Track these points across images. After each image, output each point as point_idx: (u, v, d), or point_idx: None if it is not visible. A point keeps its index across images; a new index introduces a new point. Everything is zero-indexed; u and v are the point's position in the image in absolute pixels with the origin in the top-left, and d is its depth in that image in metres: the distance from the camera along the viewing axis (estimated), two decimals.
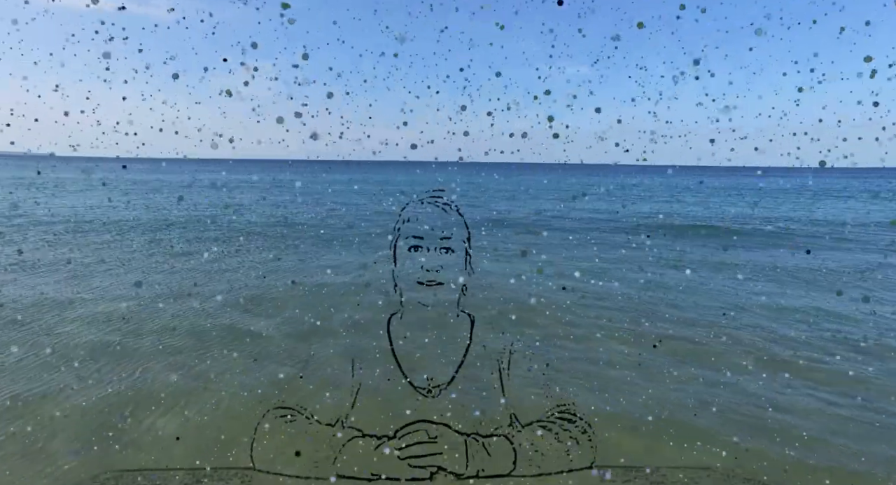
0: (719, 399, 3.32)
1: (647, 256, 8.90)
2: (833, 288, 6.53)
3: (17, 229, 10.56)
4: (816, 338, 4.49)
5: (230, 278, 6.46)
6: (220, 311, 5.10)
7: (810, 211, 18.58)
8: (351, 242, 9.60)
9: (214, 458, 2.61)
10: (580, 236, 11.30)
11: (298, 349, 4.05)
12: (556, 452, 1.33)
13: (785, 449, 2.74)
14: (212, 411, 3.11)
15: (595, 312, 5.17)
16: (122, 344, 4.12)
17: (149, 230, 11.01)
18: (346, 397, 1.50)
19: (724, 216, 16.74)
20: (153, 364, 3.76)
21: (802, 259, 8.67)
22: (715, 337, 4.45)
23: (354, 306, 5.05)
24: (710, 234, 11.92)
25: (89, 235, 10.12)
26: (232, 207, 16.80)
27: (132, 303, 5.21)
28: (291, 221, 13.18)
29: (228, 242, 9.91)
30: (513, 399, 1.49)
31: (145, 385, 3.44)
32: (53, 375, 3.54)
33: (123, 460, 2.62)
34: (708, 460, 2.66)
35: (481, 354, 1.50)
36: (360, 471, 1.29)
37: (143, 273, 6.86)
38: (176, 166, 61.67)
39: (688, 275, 7.10)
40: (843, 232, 12.49)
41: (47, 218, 12.47)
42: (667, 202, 22.37)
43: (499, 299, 4.80)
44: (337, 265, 7.68)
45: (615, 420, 3.00)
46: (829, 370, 3.81)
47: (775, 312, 5.27)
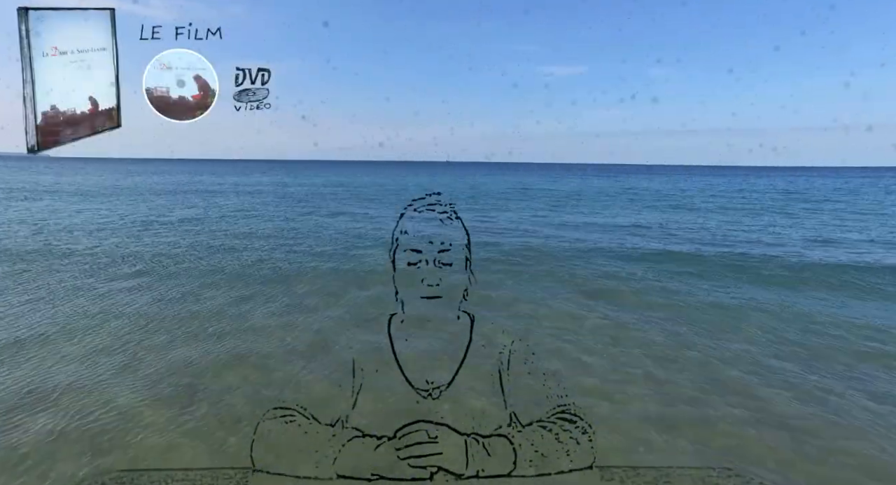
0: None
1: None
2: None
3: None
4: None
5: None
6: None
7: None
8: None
9: (214, 458, 2.62)
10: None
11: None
12: (556, 452, 1.33)
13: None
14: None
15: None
16: None
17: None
18: (346, 398, 1.50)
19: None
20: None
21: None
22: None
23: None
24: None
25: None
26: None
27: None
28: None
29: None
30: (513, 399, 1.49)
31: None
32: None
33: (123, 460, 2.62)
34: (711, 460, 2.66)
35: (481, 355, 1.50)
36: (360, 471, 1.29)
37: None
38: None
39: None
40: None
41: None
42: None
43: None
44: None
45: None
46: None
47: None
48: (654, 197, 24.94)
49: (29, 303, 5.37)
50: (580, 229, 12.54)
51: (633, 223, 13.86)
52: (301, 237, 10.59)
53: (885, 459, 2.71)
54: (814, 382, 3.64)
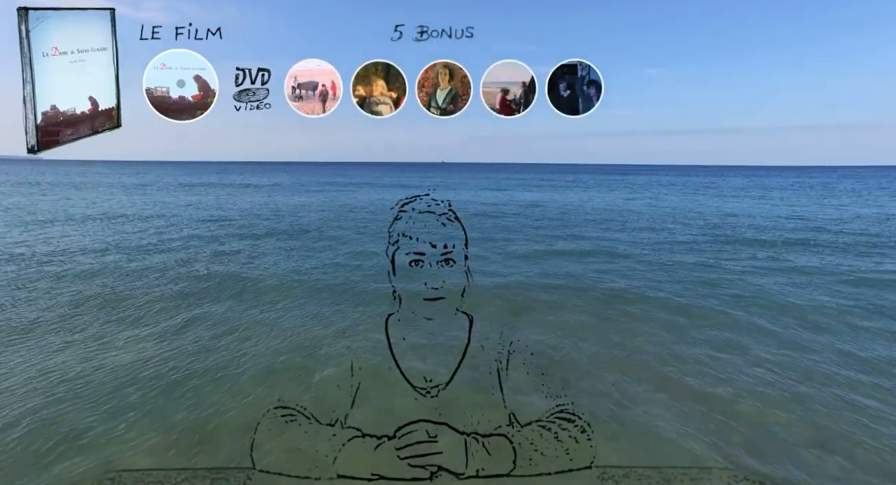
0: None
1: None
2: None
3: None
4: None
5: None
6: None
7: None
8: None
9: (214, 458, 2.62)
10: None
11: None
12: (556, 451, 1.33)
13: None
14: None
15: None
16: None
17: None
18: (345, 397, 1.50)
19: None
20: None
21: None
22: None
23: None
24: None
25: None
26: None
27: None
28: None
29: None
30: (511, 399, 1.49)
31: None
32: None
33: (123, 460, 2.62)
34: (710, 460, 2.66)
35: (480, 354, 1.50)
36: (360, 471, 1.29)
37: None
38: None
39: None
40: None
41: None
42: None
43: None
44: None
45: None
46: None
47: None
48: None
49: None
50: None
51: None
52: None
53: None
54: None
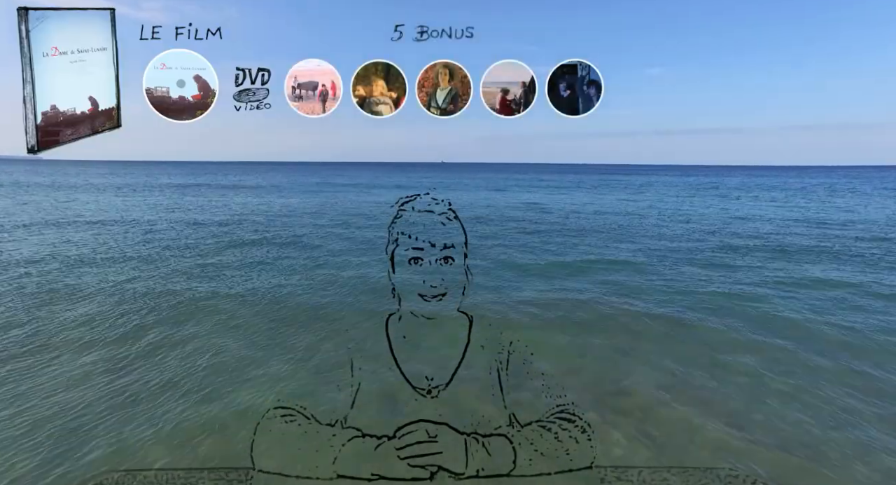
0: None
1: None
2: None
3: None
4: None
5: None
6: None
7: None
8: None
9: (214, 458, 2.62)
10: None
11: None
12: (556, 452, 1.33)
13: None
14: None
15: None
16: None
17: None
18: (345, 397, 1.50)
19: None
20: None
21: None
22: None
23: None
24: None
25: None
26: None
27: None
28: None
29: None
30: (511, 399, 1.49)
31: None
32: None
33: (123, 460, 2.62)
34: (711, 460, 2.66)
35: (480, 354, 1.50)
36: (360, 471, 1.29)
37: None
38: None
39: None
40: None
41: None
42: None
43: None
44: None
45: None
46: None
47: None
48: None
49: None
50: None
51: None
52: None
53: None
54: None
